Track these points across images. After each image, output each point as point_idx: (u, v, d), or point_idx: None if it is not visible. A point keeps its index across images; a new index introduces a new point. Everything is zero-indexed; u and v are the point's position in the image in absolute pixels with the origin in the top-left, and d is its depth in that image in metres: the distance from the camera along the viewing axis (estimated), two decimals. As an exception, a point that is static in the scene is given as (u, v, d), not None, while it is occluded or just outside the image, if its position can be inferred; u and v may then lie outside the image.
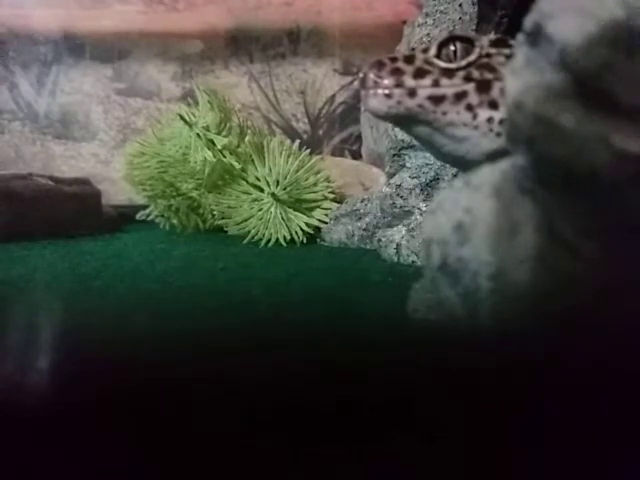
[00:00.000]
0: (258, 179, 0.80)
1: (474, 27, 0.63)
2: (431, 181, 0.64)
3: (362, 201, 0.76)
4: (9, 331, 0.38)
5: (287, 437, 0.23)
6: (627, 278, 0.23)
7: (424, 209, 0.64)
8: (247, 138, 0.84)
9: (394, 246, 0.64)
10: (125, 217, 0.98)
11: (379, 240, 0.68)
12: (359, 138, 1.21)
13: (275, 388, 0.27)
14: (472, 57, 0.36)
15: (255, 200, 0.80)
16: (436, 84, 0.36)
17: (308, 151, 0.84)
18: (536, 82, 0.23)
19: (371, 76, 0.36)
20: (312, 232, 0.79)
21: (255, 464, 0.21)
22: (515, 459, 0.21)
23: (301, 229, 0.78)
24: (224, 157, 0.82)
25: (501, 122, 0.34)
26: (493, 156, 0.31)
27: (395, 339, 0.34)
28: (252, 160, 0.81)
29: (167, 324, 0.38)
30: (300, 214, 0.79)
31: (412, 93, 0.36)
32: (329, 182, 0.83)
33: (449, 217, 0.26)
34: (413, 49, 0.39)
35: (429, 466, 0.21)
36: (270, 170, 0.79)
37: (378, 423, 0.24)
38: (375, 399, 0.26)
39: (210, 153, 0.81)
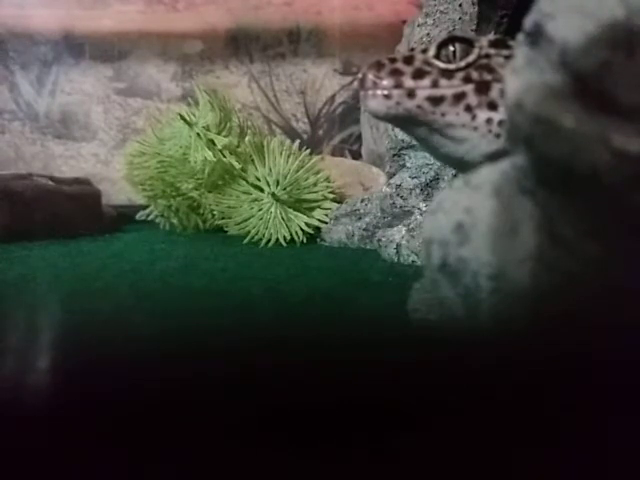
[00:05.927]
0: (258, 179, 0.80)
1: (474, 27, 0.63)
2: (431, 181, 0.64)
3: (362, 201, 0.76)
4: (9, 331, 0.38)
5: (287, 437, 0.23)
6: (627, 278, 0.23)
7: (424, 209, 0.64)
8: (247, 138, 0.84)
9: (394, 246, 0.64)
10: (125, 217, 0.98)
11: (379, 240, 0.68)
12: (359, 138, 1.21)
13: (275, 388, 0.27)
14: (471, 58, 0.36)
15: (255, 200, 0.80)
16: (435, 85, 0.36)
17: (308, 151, 0.84)
18: (536, 82, 0.23)
19: (370, 77, 0.36)
20: (312, 232, 0.79)
21: (254, 465, 0.21)
22: (515, 459, 0.21)
23: (301, 229, 0.78)
24: (224, 157, 0.82)
25: (500, 123, 0.34)
26: (492, 157, 0.31)
27: (395, 339, 0.34)
28: (252, 160, 0.81)
29: (167, 324, 0.38)
30: (300, 214, 0.79)
31: (411, 94, 0.35)
32: (329, 182, 0.84)
33: (449, 217, 0.26)
34: (413, 49, 0.39)
35: (429, 465, 0.21)
36: (270, 170, 0.79)
37: (378, 423, 0.24)
38: (375, 399, 0.26)
39: (210, 153, 0.81)
